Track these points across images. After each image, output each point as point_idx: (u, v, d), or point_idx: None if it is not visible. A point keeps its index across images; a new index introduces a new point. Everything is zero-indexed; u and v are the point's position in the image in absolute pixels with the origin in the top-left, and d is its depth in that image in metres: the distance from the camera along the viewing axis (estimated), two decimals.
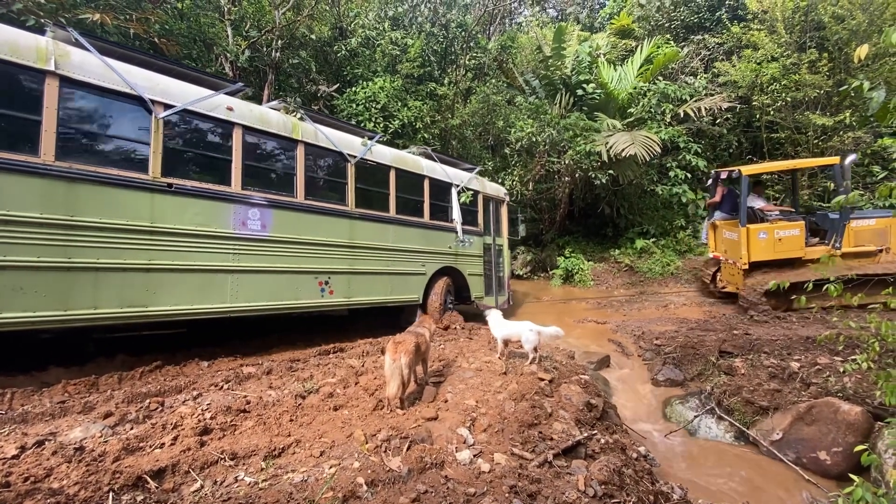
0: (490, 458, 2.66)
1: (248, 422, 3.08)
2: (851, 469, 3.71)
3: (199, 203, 4.52)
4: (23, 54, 3.55)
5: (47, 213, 3.62)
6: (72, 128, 3.81)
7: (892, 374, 3.30)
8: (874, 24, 11.53)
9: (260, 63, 11.25)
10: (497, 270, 9.02)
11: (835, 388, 4.48)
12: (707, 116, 13.37)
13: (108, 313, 3.91)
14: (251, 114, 5.03)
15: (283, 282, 5.21)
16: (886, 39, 2.78)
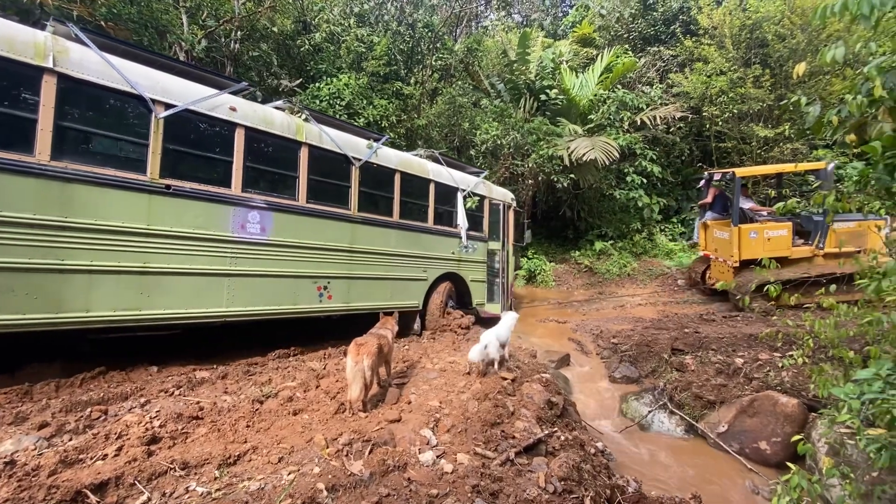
0: (453, 458, 2.66)
1: (201, 429, 2.95)
2: (789, 457, 3.99)
3: (198, 205, 4.40)
4: (20, 50, 3.42)
5: (41, 213, 3.51)
6: (69, 127, 3.68)
7: (824, 368, 3.58)
8: (812, 44, 12.46)
9: (218, 54, 10.80)
10: (501, 277, 8.87)
11: (774, 383, 4.80)
12: (662, 125, 14.01)
13: (100, 316, 3.82)
14: (254, 114, 4.86)
15: (281, 286, 5.08)
16: (822, 59, 3.01)
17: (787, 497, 2.58)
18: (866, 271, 3.11)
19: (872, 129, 2.88)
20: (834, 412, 3.00)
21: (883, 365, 2.53)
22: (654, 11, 16.79)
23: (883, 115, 2.73)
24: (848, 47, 3.03)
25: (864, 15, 2.70)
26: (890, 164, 2.55)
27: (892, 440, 2.07)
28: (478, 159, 13.16)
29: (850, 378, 2.82)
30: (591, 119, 13.92)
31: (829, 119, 3.09)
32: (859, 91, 2.90)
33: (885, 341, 3.12)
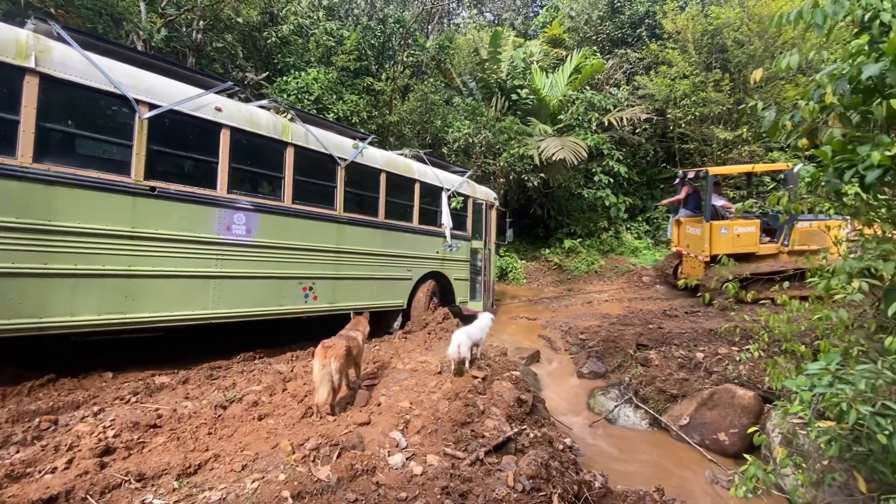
0: (423, 460, 2.64)
1: (159, 438, 2.81)
2: (747, 448, 4.18)
3: (183, 207, 4.35)
4: (1, 49, 3.33)
5: (23, 217, 3.44)
6: (51, 128, 3.59)
7: (777, 361, 3.75)
8: (768, 51, 13.07)
9: (179, 44, 10.35)
10: (483, 275, 8.97)
11: (732, 376, 5.00)
12: (628, 126, 14.40)
13: (85, 321, 3.76)
14: (240, 114, 4.80)
15: (267, 288, 5.06)
16: (777, 65, 3.14)
17: (744, 487, 2.69)
18: (816, 270, 3.28)
19: (823, 133, 3.03)
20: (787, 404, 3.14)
21: (832, 358, 2.67)
22: (622, 14, 17.20)
23: (833, 120, 2.87)
24: (802, 55, 3.17)
25: (818, 24, 2.84)
26: (839, 168, 2.68)
27: (841, 432, 2.18)
28: (450, 157, 13.16)
29: (802, 371, 2.96)
30: (560, 119, 14.14)
31: (784, 123, 3.23)
32: (811, 97, 3.04)
33: (834, 335, 3.29)
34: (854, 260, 2.69)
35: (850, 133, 2.81)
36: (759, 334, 4.28)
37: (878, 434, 1.99)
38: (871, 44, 2.83)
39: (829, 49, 3.59)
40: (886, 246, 2.71)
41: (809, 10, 2.83)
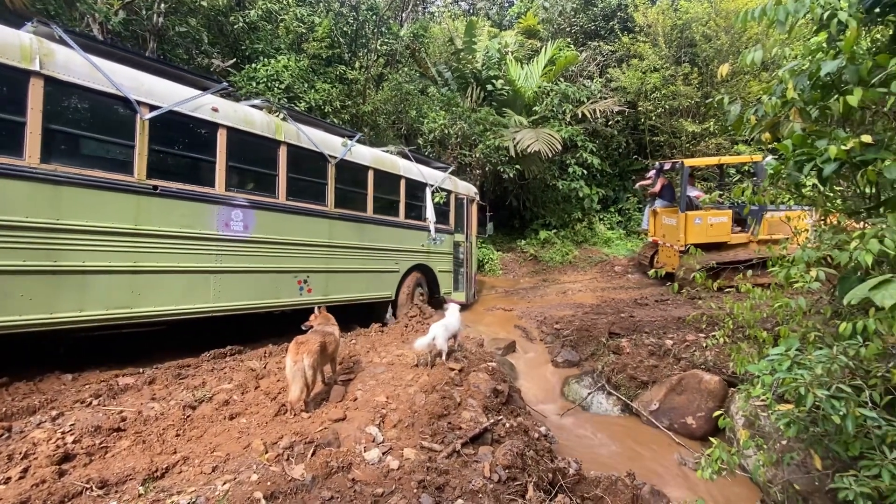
0: (399, 454, 2.64)
1: (123, 441, 2.71)
2: (713, 430, 4.35)
3: (184, 205, 4.49)
4: (6, 53, 3.41)
5: (33, 216, 3.54)
6: (56, 129, 3.70)
7: (741, 347, 3.90)
8: (734, 46, 13.43)
9: (139, 28, 9.82)
10: (465, 267, 9.32)
11: (699, 361, 5.19)
12: (601, 118, 14.59)
13: (94, 315, 3.88)
14: (235, 114, 4.96)
15: (264, 281, 5.26)
16: (743, 60, 3.22)
17: (710, 469, 2.80)
18: (776, 258, 3.42)
19: (785, 128, 3.13)
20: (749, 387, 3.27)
21: (791, 344, 2.79)
22: (595, 7, 17.34)
23: (794, 115, 2.97)
24: (766, 51, 3.26)
25: (780, 21, 2.92)
26: (799, 161, 2.78)
27: (799, 415, 2.29)
28: (425, 148, 13.06)
29: (764, 356, 3.09)
30: (535, 110, 14.21)
31: (748, 118, 3.33)
32: (774, 92, 3.14)
33: (793, 321, 3.45)
34: (811, 250, 2.81)
35: (810, 127, 2.91)
36: (724, 321, 4.45)
37: (832, 416, 2.09)
38: (830, 41, 2.94)
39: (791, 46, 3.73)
40: (841, 236, 2.83)
41: (773, 8, 2.90)
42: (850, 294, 1.88)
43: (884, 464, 1.97)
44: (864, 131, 2.67)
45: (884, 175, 2.35)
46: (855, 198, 3.28)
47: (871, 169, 2.41)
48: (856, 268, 2.57)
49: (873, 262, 2.23)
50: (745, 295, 3.97)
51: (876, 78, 2.31)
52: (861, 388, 2.20)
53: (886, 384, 2.22)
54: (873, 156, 2.44)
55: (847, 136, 2.51)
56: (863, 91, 2.38)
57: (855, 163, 2.55)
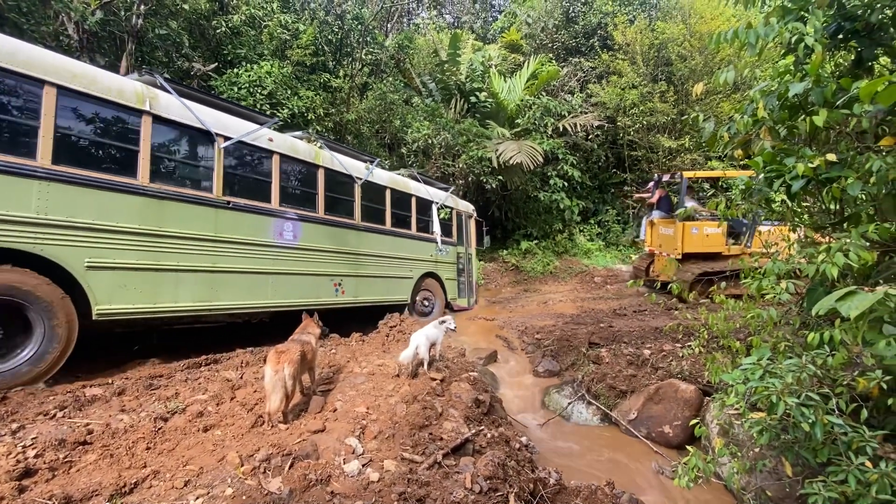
0: (380, 465, 2.59)
1: (89, 455, 2.59)
2: (689, 439, 4.43)
3: (249, 217, 5.41)
4: (127, 97, 4.34)
5: (143, 224, 4.39)
6: (160, 156, 4.61)
7: (716, 356, 4.00)
8: (708, 66, 13.97)
9: (116, 29, 9.63)
10: (468, 275, 10.28)
11: (676, 371, 5.29)
12: (581, 132, 14.93)
13: (185, 307, 4.73)
14: (285, 143, 5.98)
15: (308, 283, 6.18)
16: (716, 80, 3.35)
17: (687, 477, 2.85)
18: (748, 271, 3.54)
19: (756, 145, 3.26)
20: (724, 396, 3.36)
21: (763, 353, 2.87)
22: (576, 24, 17.82)
23: (764, 133, 3.10)
24: (737, 72, 3.41)
25: (751, 43, 3.06)
26: (769, 178, 2.90)
27: (771, 422, 2.36)
28: (409, 158, 13.10)
29: (737, 365, 3.18)
30: (518, 123, 14.44)
31: (721, 135, 3.46)
32: (745, 111, 3.27)
33: (765, 331, 3.56)
34: (781, 263, 2.91)
35: (779, 145, 3.04)
36: (699, 331, 4.56)
37: (802, 423, 2.16)
38: (797, 64, 3.09)
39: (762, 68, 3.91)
40: (809, 249, 2.96)
41: (744, 31, 3.05)
42: (817, 305, 1.96)
43: (850, 469, 2.04)
44: (829, 150, 2.80)
45: (847, 192, 2.47)
46: (821, 213, 3.42)
47: (836, 186, 2.53)
48: (822, 280, 2.68)
49: (839, 274, 2.33)
50: (720, 306, 4.09)
51: (840, 101, 2.43)
52: (828, 396, 2.29)
53: (852, 392, 2.31)
54: (837, 173, 2.57)
55: (813, 155, 2.64)
56: (827, 112, 2.51)
57: (821, 180, 2.67)
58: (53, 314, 3.80)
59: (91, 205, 4.05)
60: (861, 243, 2.27)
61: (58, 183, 3.87)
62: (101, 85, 4.17)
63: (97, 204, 4.08)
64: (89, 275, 4.02)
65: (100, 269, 4.08)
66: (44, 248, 3.78)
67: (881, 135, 2.79)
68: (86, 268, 4.00)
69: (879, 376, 2.13)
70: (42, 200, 3.78)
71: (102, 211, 4.11)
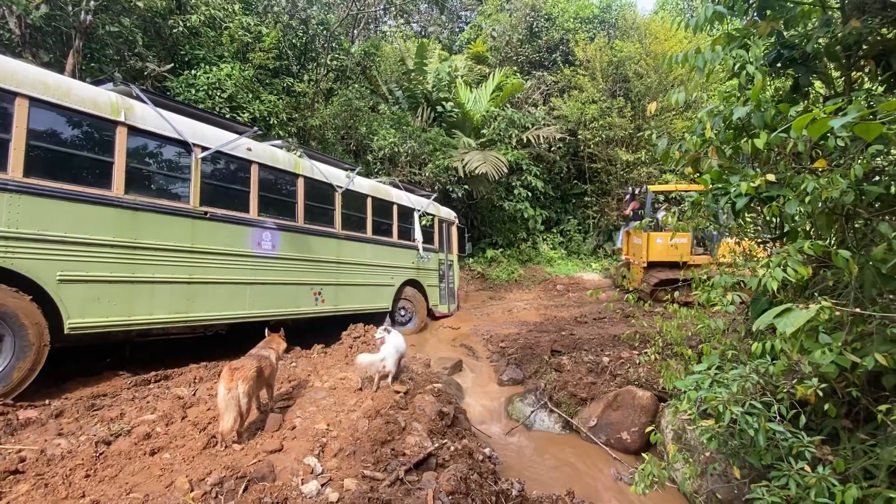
0: (339, 485, 2.53)
1: (21, 486, 2.38)
2: (646, 445, 4.57)
3: (227, 227, 5.39)
4: (101, 108, 4.29)
5: (118, 236, 4.34)
6: (135, 167, 4.55)
7: (670, 363, 4.16)
8: (662, 84, 14.70)
9: (63, 24, 9.07)
10: (449, 282, 10.40)
11: (633, 378, 5.46)
12: (545, 144, 15.32)
13: (160, 318, 4.66)
14: (264, 152, 5.98)
15: (287, 292, 6.17)
16: (668, 100, 3.53)
17: (643, 483, 2.94)
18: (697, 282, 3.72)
19: (704, 163, 3.45)
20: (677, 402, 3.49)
21: (712, 361, 3.02)
22: (539, 39, 18.34)
23: (712, 153, 3.28)
24: (687, 93, 3.60)
25: (699, 67, 3.25)
26: (716, 195, 3.07)
27: (719, 430, 2.47)
28: (375, 165, 12.99)
29: (689, 372, 3.32)
30: (483, 134, 14.66)
31: (673, 152, 3.64)
32: (695, 131, 3.46)
33: (714, 339, 3.74)
34: (727, 276, 3.08)
35: (725, 164, 3.23)
36: (654, 339, 4.74)
37: (747, 430, 2.28)
38: (741, 89, 3.30)
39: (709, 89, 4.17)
40: (752, 263, 3.14)
41: (693, 55, 3.24)
42: (758, 321, 2.08)
43: (790, 474, 2.16)
44: (770, 170, 3.00)
45: (785, 210, 2.65)
46: (762, 228, 3.65)
47: (775, 204, 2.71)
48: (764, 291, 2.85)
49: (778, 287, 2.49)
50: (673, 314, 4.27)
51: (780, 127, 2.61)
52: (771, 403, 2.42)
53: (792, 399, 2.46)
54: (776, 192, 2.74)
55: (755, 175, 2.81)
56: (767, 135, 2.69)
57: (762, 198, 2.85)
58: (23, 329, 3.68)
59: (64, 217, 3.99)
60: (798, 258, 2.43)
61: (29, 196, 3.81)
62: (75, 96, 4.12)
63: (70, 216, 4.03)
64: (61, 288, 3.94)
65: (72, 282, 4.01)
66: (13, 261, 3.70)
67: (816, 157, 3.01)
68: (58, 281, 3.92)
69: (816, 383, 2.28)
70: (13, 213, 3.71)
71: (76, 223, 4.06)
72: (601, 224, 16.56)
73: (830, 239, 2.95)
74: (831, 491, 2.05)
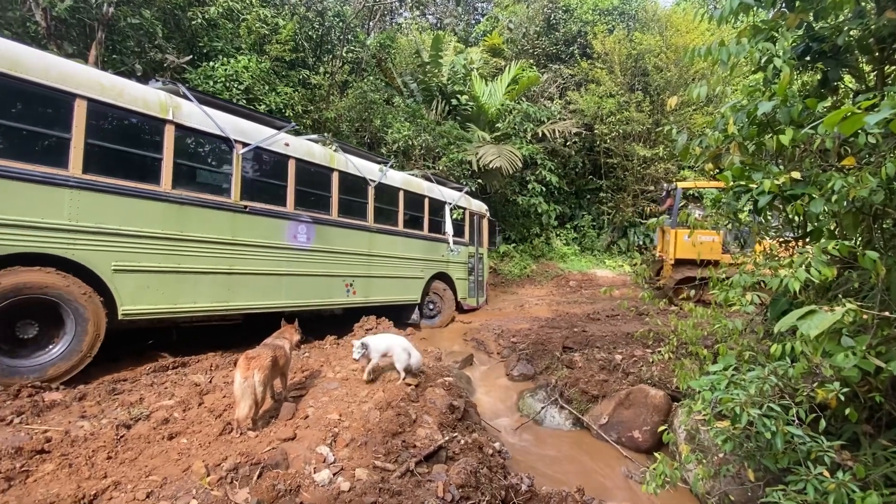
0: (351, 474, 2.56)
1: (47, 465, 2.47)
2: (657, 444, 4.53)
3: (265, 220, 5.61)
4: (151, 107, 4.51)
5: (166, 229, 4.61)
6: (181, 163, 4.78)
7: (684, 363, 4.11)
8: (682, 78, 14.37)
9: (87, 17, 9.23)
10: (478, 275, 10.51)
11: (646, 377, 5.40)
12: (560, 138, 15.14)
13: (203, 307, 4.95)
14: (301, 147, 6.16)
15: (321, 284, 6.38)
16: (689, 94, 3.45)
17: (654, 483, 2.91)
18: (715, 281, 3.65)
19: (725, 160, 3.37)
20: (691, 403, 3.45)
21: (728, 362, 2.97)
22: (557, 31, 18.07)
23: (734, 149, 3.20)
24: (709, 87, 3.52)
25: (723, 61, 3.16)
26: (737, 192, 3.00)
27: (735, 432, 2.43)
28: (389, 157, 13.01)
29: (704, 372, 3.27)
30: (498, 127, 14.53)
31: (693, 148, 3.56)
32: (717, 127, 3.38)
33: (731, 340, 3.68)
34: (747, 276, 3.01)
35: (747, 161, 3.15)
36: (668, 338, 4.67)
37: (764, 433, 2.24)
38: (766, 83, 3.21)
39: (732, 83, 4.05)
40: (773, 262, 3.07)
41: (717, 48, 3.15)
42: (779, 323, 2.03)
43: (808, 479, 2.12)
44: (794, 167, 2.91)
45: (810, 209, 2.58)
46: (785, 227, 3.56)
47: (799, 203, 2.64)
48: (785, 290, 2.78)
49: (800, 287, 2.43)
50: (689, 313, 4.20)
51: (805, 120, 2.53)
52: (789, 406, 2.37)
53: (811, 402, 2.41)
54: (801, 191, 2.67)
55: (779, 172, 2.73)
56: (794, 131, 2.61)
57: (786, 196, 2.77)
58: (83, 314, 4.01)
59: (117, 211, 4.27)
60: (822, 259, 2.36)
61: (87, 191, 4.09)
62: (128, 96, 4.37)
63: (123, 210, 4.31)
64: (116, 277, 4.24)
65: (125, 272, 4.31)
66: (75, 252, 4.00)
67: (843, 154, 2.92)
68: (112, 271, 4.22)
69: (838, 387, 2.22)
70: (73, 208, 4.00)
71: (128, 217, 4.34)
72: (616, 220, 16.35)
73: (856, 239, 2.87)
74: (851, 497, 2.01)
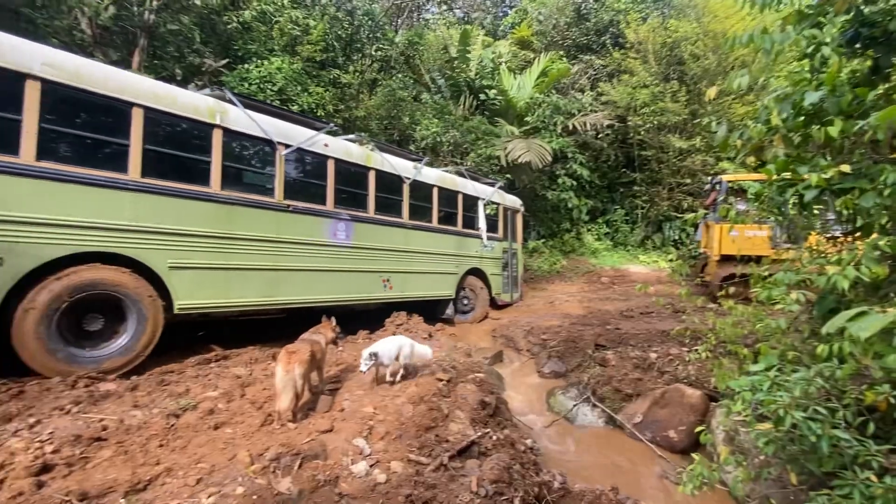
0: (387, 467, 2.64)
1: (104, 451, 2.65)
2: (693, 444, 4.41)
3: (307, 219, 5.88)
4: (200, 112, 4.79)
5: (215, 228, 4.87)
6: (229, 165, 5.05)
7: (723, 362, 3.98)
8: (721, 66, 13.78)
9: (129, 24, 9.70)
10: (512, 270, 10.55)
11: (682, 376, 5.27)
12: (591, 131, 14.82)
13: (250, 301, 5.23)
14: (340, 148, 6.40)
15: (359, 279, 6.62)
16: (729, 84, 3.32)
17: (691, 484, 2.85)
18: (757, 278, 3.51)
19: (768, 153, 3.23)
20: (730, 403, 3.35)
21: (771, 361, 2.87)
22: (588, 21, 17.65)
23: (777, 141, 3.07)
24: (752, 77, 3.37)
25: (766, 49, 3.03)
26: (781, 186, 2.88)
27: (778, 434, 2.36)
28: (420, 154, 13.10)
29: (744, 372, 3.16)
30: (527, 121, 14.37)
31: (734, 140, 3.43)
32: (759, 118, 3.24)
33: (773, 339, 3.54)
34: (792, 273, 2.90)
35: (792, 154, 3.02)
36: (706, 336, 4.54)
37: (809, 436, 2.16)
38: (813, 71, 3.05)
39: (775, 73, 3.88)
40: (820, 260, 2.93)
41: (759, 36, 3.01)
42: (828, 324, 1.96)
43: (855, 483, 2.03)
44: (844, 160, 2.77)
45: (860, 203, 2.45)
46: (833, 222, 3.39)
47: (849, 198, 2.51)
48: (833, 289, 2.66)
49: (850, 285, 2.32)
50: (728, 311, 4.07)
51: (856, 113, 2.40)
52: (836, 409, 2.28)
53: (859, 405, 2.30)
54: (851, 184, 2.54)
55: (827, 165, 2.61)
56: (843, 122, 2.48)
57: (834, 190, 2.64)
58: (144, 308, 4.29)
59: (172, 212, 4.53)
60: (873, 256, 2.25)
61: (146, 194, 4.36)
62: (180, 104, 4.64)
63: (177, 211, 4.57)
64: (172, 274, 4.50)
65: (180, 268, 4.57)
66: (135, 251, 4.28)
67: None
68: (168, 268, 4.49)
69: (888, 390, 2.12)
70: (133, 210, 4.27)
71: (182, 217, 4.59)
72: (650, 214, 15.90)
73: None
74: None
